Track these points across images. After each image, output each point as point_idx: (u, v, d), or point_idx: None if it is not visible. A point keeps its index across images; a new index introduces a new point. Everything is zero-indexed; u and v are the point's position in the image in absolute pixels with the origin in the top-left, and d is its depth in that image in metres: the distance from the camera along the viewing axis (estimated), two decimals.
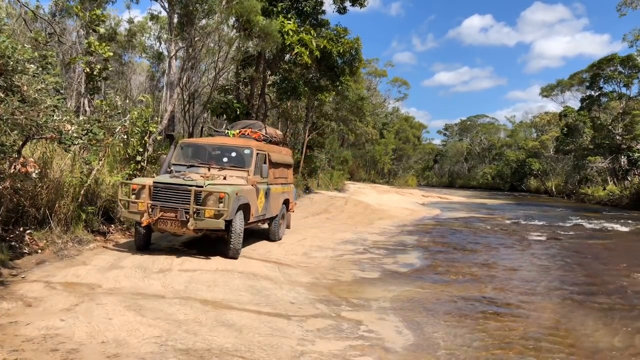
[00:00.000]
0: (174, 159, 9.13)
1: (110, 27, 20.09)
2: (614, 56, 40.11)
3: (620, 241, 15.39)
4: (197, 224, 7.71)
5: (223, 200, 7.69)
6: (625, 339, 5.81)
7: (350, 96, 31.45)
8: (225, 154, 9.25)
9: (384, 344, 5.07)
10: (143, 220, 7.67)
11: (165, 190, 7.86)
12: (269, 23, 15.79)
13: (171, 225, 7.80)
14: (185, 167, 8.82)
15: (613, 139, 39.47)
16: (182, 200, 7.76)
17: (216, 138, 9.79)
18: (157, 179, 8.05)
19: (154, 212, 7.72)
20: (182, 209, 7.69)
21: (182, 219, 7.69)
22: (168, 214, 7.76)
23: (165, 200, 7.80)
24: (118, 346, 4.19)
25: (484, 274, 9.22)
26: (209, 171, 8.59)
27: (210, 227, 7.82)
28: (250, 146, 9.36)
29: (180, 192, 7.80)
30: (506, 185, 70.99)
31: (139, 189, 7.92)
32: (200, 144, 9.58)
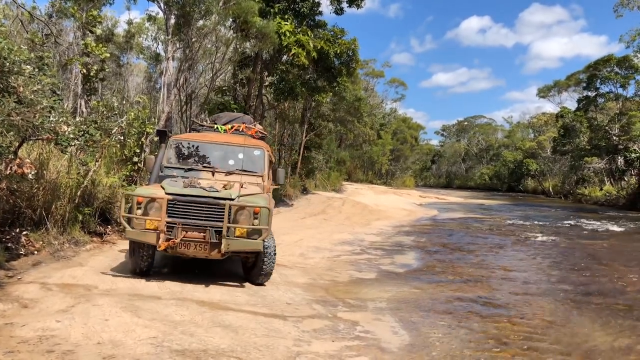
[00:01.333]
0: (166, 160, 7.36)
1: (108, 28, 20.10)
2: (610, 57, 40.25)
3: (617, 241, 15.43)
4: (230, 245, 6.29)
5: (259, 216, 6.36)
6: (621, 339, 5.83)
7: (348, 97, 31.47)
8: (230, 156, 7.58)
9: (380, 344, 5.08)
10: (160, 244, 6.19)
11: (189, 204, 6.35)
12: (266, 24, 15.81)
13: (196, 248, 6.34)
14: (183, 171, 7.14)
15: (610, 140, 39.57)
16: (212, 217, 6.33)
17: (218, 135, 8.10)
18: (174, 189, 6.43)
19: (175, 233, 6.22)
20: (211, 228, 6.28)
21: (213, 240, 6.26)
22: (193, 234, 6.29)
23: (189, 217, 6.32)
24: (114, 347, 4.19)
25: (481, 274, 9.24)
26: (213, 176, 7.10)
27: (247, 249, 6.45)
28: (261, 146, 7.87)
29: (210, 207, 6.35)
30: (504, 185, 71.13)
31: (146, 202, 6.30)
32: (198, 142, 7.61)
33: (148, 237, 6.25)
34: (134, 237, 6.32)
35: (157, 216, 6.24)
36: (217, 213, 6.32)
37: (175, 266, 7.58)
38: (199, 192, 6.41)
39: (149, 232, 6.26)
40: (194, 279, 6.75)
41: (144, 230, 6.28)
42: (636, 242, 15.54)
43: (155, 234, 6.25)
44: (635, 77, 39.12)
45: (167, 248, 6.27)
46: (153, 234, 6.25)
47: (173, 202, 6.32)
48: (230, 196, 6.40)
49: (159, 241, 6.20)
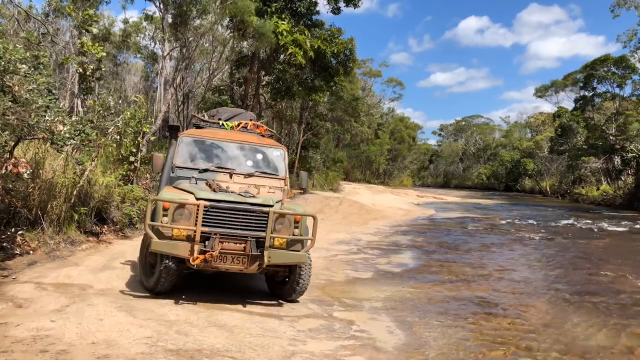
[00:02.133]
0: (179, 159, 6.56)
1: (104, 27, 20.06)
2: (607, 57, 40.36)
3: (613, 241, 15.47)
4: (272, 258, 5.61)
5: (299, 225, 5.82)
6: (617, 338, 5.84)
7: (345, 96, 31.50)
8: (248, 156, 6.93)
9: (375, 344, 5.08)
10: (196, 258, 5.36)
11: (227, 211, 5.59)
12: (263, 23, 15.81)
13: (233, 262, 5.57)
14: (197, 172, 6.42)
15: (606, 139, 39.68)
16: (252, 226, 5.65)
17: (232, 133, 7.41)
18: (205, 193, 5.67)
19: (211, 244, 5.44)
20: (252, 239, 5.60)
21: (254, 253, 5.57)
22: (231, 245, 5.56)
23: (226, 226, 5.56)
24: (108, 347, 4.18)
25: (477, 273, 9.26)
26: (231, 178, 6.45)
27: (290, 262, 5.82)
28: (280, 147, 7.28)
29: (250, 215, 5.66)
30: (501, 185, 71.28)
31: (174, 208, 5.45)
32: (213, 140, 6.87)
33: (180, 249, 5.40)
34: (163, 249, 5.40)
35: (189, 225, 5.43)
36: (258, 221, 5.63)
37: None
38: (235, 198, 5.67)
39: (180, 243, 5.42)
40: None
41: (174, 242, 5.42)
42: (632, 241, 15.58)
43: (188, 245, 5.41)
44: (632, 77, 39.25)
45: (201, 262, 5.44)
46: (185, 245, 5.41)
47: (215, 209, 5.53)
48: (269, 202, 5.74)
49: (195, 254, 5.37)
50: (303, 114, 28.14)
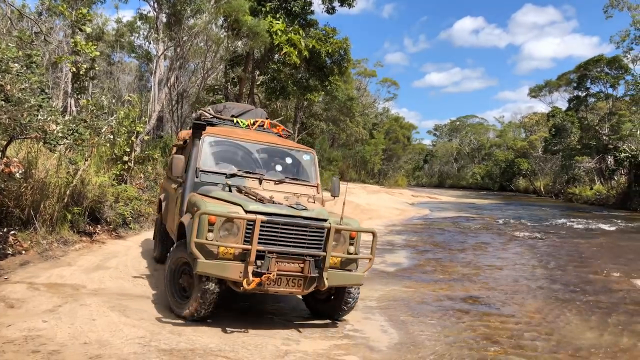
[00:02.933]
0: (202, 162, 5.85)
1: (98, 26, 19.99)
2: (600, 57, 40.55)
3: (606, 240, 15.55)
4: (331, 279, 5.03)
5: (354, 241, 5.29)
6: (609, 336, 5.87)
7: (340, 96, 31.51)
8: (276, 160, 6.36)
9: (369, 343, 5.09)
10: (251, 281, 4.71)
11: (283, 227, 4.92)
12: (257, 23, 15.79)
13: (289, 285, 4.94)
14: (224, 177, 5.80)
15: (600, 139, 39.89)
16: (309, 244, 5.02)
17: (256, 134, 6.76)
18: (255, 206, 4.95)
19: (267, 265, 4.78)
20: (311, 258, 4.96)
21: (312, 274, 4.94)
22: (289, 266, 4.91)
23: (283, 244, 4.91)
24: (101, 347, 4.16)
25: (471, 273, 9.28)
26: (260, 185, 5.84)
27: (348, 283, 5.29)
28: (309, 150, 6.70)
29: (307, 231, 5.01)
30: (495, 185, 71.46)
31: (222, 223, 4.78)
32: (238, 142, 6.24)
33: (230, 271, 4.72)
34: (211, 271, 4.70)
35: (236, 241, 4.79)
36: (314, 238, 5.03)
37: None
38: (288, 211, 4.99)
39: (231, 264, 4.75)
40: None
41: (223, 262, 4.74)
42: (625, 240, 15.66)
43: (240, 266, 4.75)
44: (624, 77, 39.47)
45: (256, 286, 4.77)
46: (237, 266, 4.75)
47: (273, 224, 4.86)
48: (324, 216, 5.14)
49: (248, 276, 4.71)
50: (298, 114, 28.15)
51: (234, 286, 4.89)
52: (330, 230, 4.99)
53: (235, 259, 4.78)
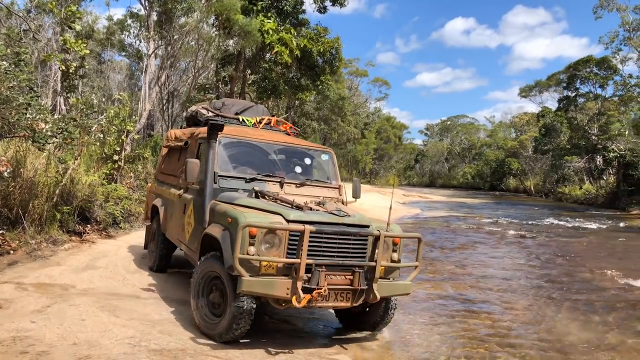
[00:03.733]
0: (220, 166, 5.38)
1: (88, 24, 19.84)
2: (590, 58, 40.85)
3: (595, 239, 15.68)
4: (380, 290, 4.65)
5: (397, 248, 4.92)
6: (598, 334, 5.92)
7: (331, 96, 31.51)
8: (295, 161, 5.97)
9: (360, 342, 5.09)
10: (299, 298, 4.28)
11: (332, 237, 4.51)
12: (249, 22, 15.75)
13: (338, 299, 4.53)
14: (244, 182, 5.39)
15: (589, 139, 40.20)
16: (356, 254, 4.62)
17: (270, 133, 6.37)
18: (298, 214, 4.55)
19: (316, 279, 4.34)
20: (360, 270, 4.55)
21: (362, 287, 4.54)
22: (338, 279, 4.51)
23: (330, 256, 4.51)
24: (90, 347, 4.13)
25: (462, 272, 9.32)
26: (282, 189, 5.44)
27: (396, 293, 4.94)
28: (327, 150, 6.34)
29: (354, 240, 4.61)
30: (486, 184, 71.77)
31: (264, 234, 4.34)
32: (255, 143, 5.80)
33: (278, 288, 4.30)
34: (257, 290, 4.25)
35: (278, 255, 4.36)
36: (359, 247, 4.64)
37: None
38: (331, 218, 4.57)
39: (277, 280, 4.31)
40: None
41: (269, 279, 4.30)
42: (613, 239, 15.80)
43: (287, 283, 4.32)
44: (613, 78, 39.77)
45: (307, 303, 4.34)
46: (283, 283, 4.32)
47: (321, 234, 4.43)
48: (367, 222, 4.77)
49: (298, 293, 4.27)
50: (289, 113, 28.10)
51: (275, 303, 4.52)
52: (379, 238, 4.60)
53: (278, 274, 4.34)
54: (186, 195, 5.91)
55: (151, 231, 7.49)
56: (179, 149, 6.85)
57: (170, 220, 6.53)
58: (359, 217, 4.81)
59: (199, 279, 4.81)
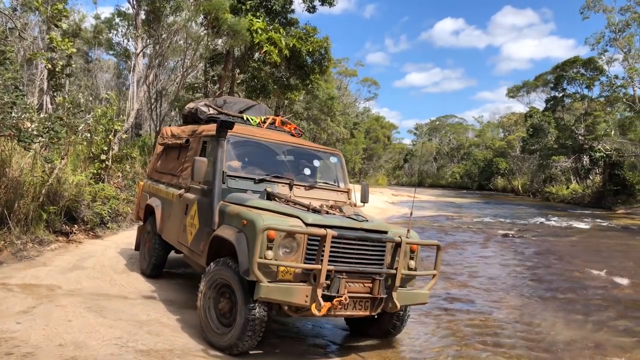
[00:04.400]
0: (228, 165, 5.22)
1: (75, 22, 19.65)
2: (576, 58, 41.27)
3: (581, 238, 15.84)
4: (400, 299, 4.51)
5: (415, 256, 4.79)
6: (583, 332, 5.98)
7: (321, 95, 31.49)
8: (303, 162, 5.79)
9: (348, 342, 5.10)
10: (319, 307, 4.08)
11: (353, 242, 4.36)
12: (238, 21, 15.68)
13: (356, 307, 4.37)
14: (253, 182, 5.23)
15: (576, 139, 40.60)
16: (375, 261, 4.48)
17: (277, 134, 6.24)
18: (316, 217, 4.38)
19: (336, 287, 4.17)
20: (380, 278, 4.40)
21: (382, 295, 4.39)
22: (358, 287, 4.34)
23: (350, 262, 4.33)
24: (76, 349, 4.09)
25: (449, 271, 9.36)
26: (291, 191, 5.29)
27: (415, 302, 4.82)
28: (336, 152, 6.22)
29: (374, 246, 4.48)
30: (474, 184, 72.24)
31: (282, 238, 4.16)
32: (263, 142, 5.65)
33: (296, 295, 4.10)
34: (276, 296, 4.04)
35: (296, 260, 4.18)
36: (380, 254, 4.50)
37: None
38: (350, 223, 4.43)
39: (296, 287, 4.12)
40: None
41: (288, 286, 4.11)
42: (599, 238, 15.97)
43: (307, 290, 4.12)
44: (599, 79, 40.20)
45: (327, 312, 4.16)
46: (302, 289, 4.12)
47: (342, 239, 4.26)
48: (385, 228, 4.66)
49: (319, 301, 4.07)
50: (279, 113, 28.05)
51: (290, 311, 4.31)
52: (400, 245, 4.48)
53: (295, 280, 4.16)
54: (188, 195, 5.70)
55: (144, 232, 7.16)
56: (177, 147, 6.61)
57: (168, 221, 6.25)
58: (377, 222, 4.71)
59: (208, 285, 4.57)
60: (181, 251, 5.95)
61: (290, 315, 4.41)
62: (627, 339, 5.82)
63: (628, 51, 36.75)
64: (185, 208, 5.66)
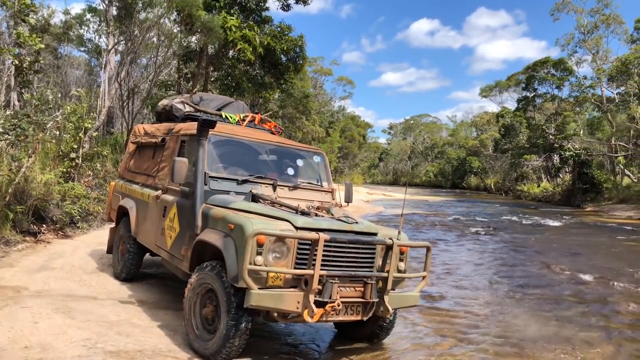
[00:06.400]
0: (209, 166, 4.99)
1: (43, 17, 19.20)
2: (547, 59, 42.12)
3: (551, 235, 16.17)
4: (392, 302, 4.42)
5: (404, 257, 4.68)
6: (552, 328, 6.10)
7: (296, 94, 31.44)
8: (287, 162, 5.64)
9: (323, 339, 5.10)
10: (312, 313, 3.95)
11: (344, 246, 4.23)
12: (211, 18, 15.53)
13: (348, 312, 4.25)
14: (236, 183, 5.04)
15: (547, 139, 41.44)
16: (365, 264, 4.37)
17: (259, 133, 6.11)
18: (305, 220, 4.23)
19: (329, 292, 4.03)
20: (371, 281, 4.28)
21: (374, 299, 4.28)
22: (349, 292, 4.23)
23: (341, 266, 4.21)
24: (43, 351, 3.99)
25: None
26: (275, 191, 5.13)
27: (406, 305, 4.82)
28: (319, 151, 6.11)
29: (364, 249, 4.37)
30: (448, 182, 73.16)
31: (272, 242, 4.00)
32: (245, 142, 5.47)
33: (288, 302, 3.96)
34: (266, 304, 3.89)
35: (285, 265, 4.03)
36: (370, 257, 4.40)
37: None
38: (341, 226, 4.30)
39: (287, 293, 3.98)
40: None
41: (279, 292, 3.97)
42: (569, 235, 16.34)
43: (298, 296, 3.99)
44: (569, 79, 41.10)
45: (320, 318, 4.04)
46: (293, 296, 3.98)
47: (334, 243, 4.11)
48: (374, 230, 4.55)
49: (311, 307, 3.94)
50: (253, 111, 27.91)
51: (279, 317, 4.16)
52: (392, 247, 4.38)
53: (285, 285, 4.02)
54: (166, 196, 5.46)
55: (117, 235, 6.85)
56: (152, 146, 6.34)
57: (144, 223, 5.98)
58: (367, 224, 4.61)
59: (193, 291, 4.40)
60: (159, 255, 5.74)
61: (277, 321, 4.26)
62: (594, 333, 5.96)
63: (596, 52, 37.71)
64: (164, 210, 5.44)
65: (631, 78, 33.06)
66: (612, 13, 36.84)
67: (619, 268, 10.34)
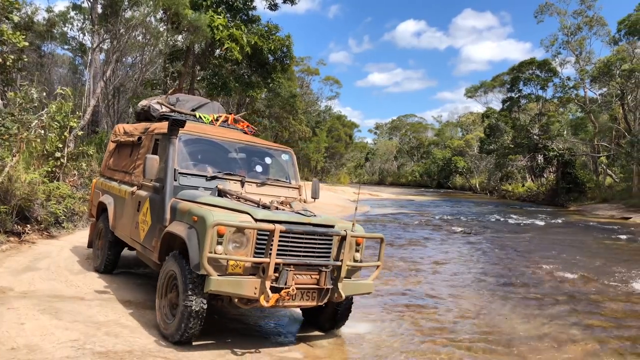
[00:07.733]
0: (180, 163, 5.27)
1: (27, 15, 18.95)
2: (532, 60, 42.50)
3: (536, 234, 16.36)
4: (345, 289, 4.71)
5: (360, 248, 4.99)
6: (538, 326, 6.19)
7: (283, 93, 31.41)
8: (255, 160, 5.92)
9: (310, 340, 5.11)
10: (267, 298, 4.26)
11: (300, 236, 4.53)
12: (198, 17, 15.47)
13: (304, 298, 4.55)
14: (205, 179, 5.31)
15: (531, 139, 41.85)
16: (322, 253, 4.66)
17: (229, 131, 6.37)
18: (265, 213, 4.51)
19: (284, 279, 4.36)
20: (326, 270, 4.59)
21: (328, 286, 4.59)
22: (305, 279, 4.54)
23: (297, 255, 4.52)
24: (30, 352, 3.95)
25: (410, 267, 9.51)
26: (243, 188, 5.41)
27: (359, 292, 5.02)
28: (287, 150, 6.29)
29: (321, 240, 4.65)
30: (433, 182, 73.54)
31: (232, 233, 4.28)
32: (215, 140, 5.74)
33: (245, 288, 4.26)
34: (226, 289, 4.20)
35: (245, 254, 4.30)
36: (327, 247, 4.68)
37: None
38: (299, 218, 4.58)
39: (245, 280, 4.28)
40: None
41: (238, 279, 4.26)
42: (552, 234, 16.54)
43: (255, 282, 4.29)
44: (553, 80, 41.54)
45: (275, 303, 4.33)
46: (251, 282, 4.28)
47: (290, 234, 4.43)
48: (332, 222, 4.82)
49: (266, 293, 4.26)
50: (240, 110, 27.82)
51: (240, 303, 4.43)
52: (346, 238, 4.68)
53: (245, 273, 4.31)
54: (140, 192, 5.73)
55: (97, 229, 7.15)
56: (130, 145, 6.63)
57: (121, 218, 6.28)
58: (324, 217, 4.87)
59: (162, 278, 4.74)
60: (134, 247, 5.99)
61: (240, 307, 4.56)
62: (578, 331, 6.05)
63: (579, 54, 38.18)
64: (138, 205, 5.71)
65: (613, 79, 33.55)
66: (595, 15, 37.33)
67: (602, 266, 10.50)
